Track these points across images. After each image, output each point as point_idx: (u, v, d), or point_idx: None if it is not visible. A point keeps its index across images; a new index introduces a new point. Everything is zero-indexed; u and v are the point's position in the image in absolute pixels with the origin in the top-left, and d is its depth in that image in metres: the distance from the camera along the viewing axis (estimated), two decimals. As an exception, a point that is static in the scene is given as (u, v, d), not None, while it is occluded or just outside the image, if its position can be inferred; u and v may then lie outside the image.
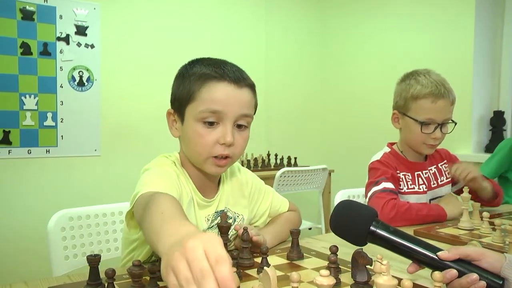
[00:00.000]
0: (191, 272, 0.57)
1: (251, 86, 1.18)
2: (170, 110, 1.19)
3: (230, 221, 1.24)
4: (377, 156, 1.76)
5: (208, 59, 1.18)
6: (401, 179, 1.70)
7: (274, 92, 4.30)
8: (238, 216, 1.28)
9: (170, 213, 0.79)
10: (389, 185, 1.61)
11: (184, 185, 1.16)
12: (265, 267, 0.73)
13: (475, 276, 0.83)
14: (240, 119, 1.13)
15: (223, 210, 1.25)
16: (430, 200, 1.73)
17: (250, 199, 1.34)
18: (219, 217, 1.23)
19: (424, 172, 1.76)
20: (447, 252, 0.87)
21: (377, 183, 1.62)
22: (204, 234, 0.63)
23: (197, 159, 1.15)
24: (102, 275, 0.85)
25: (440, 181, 1.78)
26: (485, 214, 1.39)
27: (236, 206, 1.29)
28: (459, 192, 1.80)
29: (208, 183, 1.23)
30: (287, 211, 1.42)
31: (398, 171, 1.70)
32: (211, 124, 1.10)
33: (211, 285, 0.56)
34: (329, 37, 4.55)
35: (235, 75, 1.12)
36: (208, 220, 1.21)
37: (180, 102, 1.14)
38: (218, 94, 1.09)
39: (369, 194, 1.63)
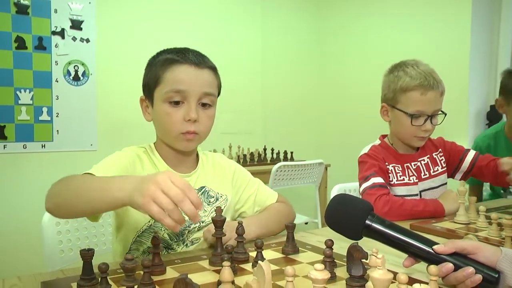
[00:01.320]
0: (169, 198, 0.80)
1: (212, 68, 1.27)
2: (142, 97, 1.31)
3: (212, 200, 1.31)
4: (366, 149, 1.75)
5: (172, 48, 1.28)
6: (390, 171, 1.68)
7: (270, 87, 4.29)
8: (221, 196, 1.34)
9: (101, 177, 1.02)
10: (378, 179, 1.59)
11: (148, 166, 1.26)
12: (259, 261, 0.73)
13: (471, 269, 0.82)
14: (204, 97, 1.22)
15: (203, 187, 1.31)
16: (421, 191, 1.71)
17: (234, 183, 1.39)
18: (199, 194, 1.29)
19: (413, 163, 1.73)
20: (443, 246, 0.86)
21: (366, 179, 1.61)
22: (163, 171, 0.87)
23: (168, 137, 1.25)
24: (96, 270, 0.84)
25: (434, 172, 1.75)
26: (481, 208, 1.39)
27: (219, 187, 1.35)
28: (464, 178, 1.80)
29: (183, 159, 1.31)
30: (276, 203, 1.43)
31: (387, 163, 1.68)
32: (176, 103, 1.20)
33: (188, 205, 0.81)
34: (325, 32, 4.54)
35: (196, 58, 1.22)
36: None
37: (149, 87, 1.25)
38: (181, 75, 1.20)
39: (360, 191, 1.63)
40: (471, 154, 1.81)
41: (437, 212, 1.54)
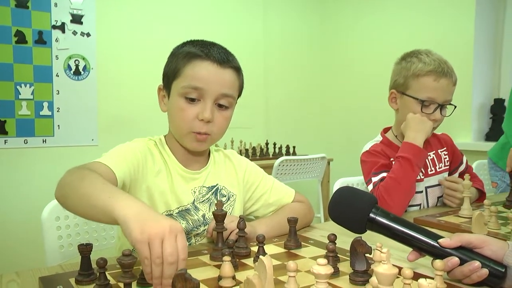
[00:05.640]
0: (163, 253, 0.71)
1: (236, 69, 1.21)
2: (161, 86, 1.26)
3: (224, 199, 1.28)
4: (367, 146, 1.71)
5: (199, 40, 1.23)
6: None
7: (272, 81, 4.27)
8: (233, 195, 1.31)
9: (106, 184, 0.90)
10: (376, 178, 1.57)
11: (158, 161, 1.22)
12: (260, 256, 0.71)
13: (477, 263, 0.81)
14: (221, 98, 1.17)
15: (215, 186, 1.28)
16: (426, 187, 1.68)
17: (245, 182, 1.35)
18: (210, 193, 1.26)
19: None
20: (448, 240, 0.85)
21: (368, 183, 1.60)
22: (172, 222, 0.75)
23: (178, 133, 1.21)
24: (95, 265, 0.83)
25: (439, 168, 1.72)
26: (486, 202, 1.36)
27: (231, 186, 1.32)
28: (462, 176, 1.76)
29: (193, 158, 1.26)
30: (293, 202, 1.37)
31: (391, 159, 1.63)
32: (192, 100, 1.15)
33: (171, 271, 0.71)
34: (327, 26, 4.51)
35: (220, 56, 1.16)
36: (194, 192, 1.24)
37: (168, 77, 1.21)
38: (201, 72, 1.15)
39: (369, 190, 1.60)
40: (464, 163, 1.84)
41: (416, 156, 1.51)
